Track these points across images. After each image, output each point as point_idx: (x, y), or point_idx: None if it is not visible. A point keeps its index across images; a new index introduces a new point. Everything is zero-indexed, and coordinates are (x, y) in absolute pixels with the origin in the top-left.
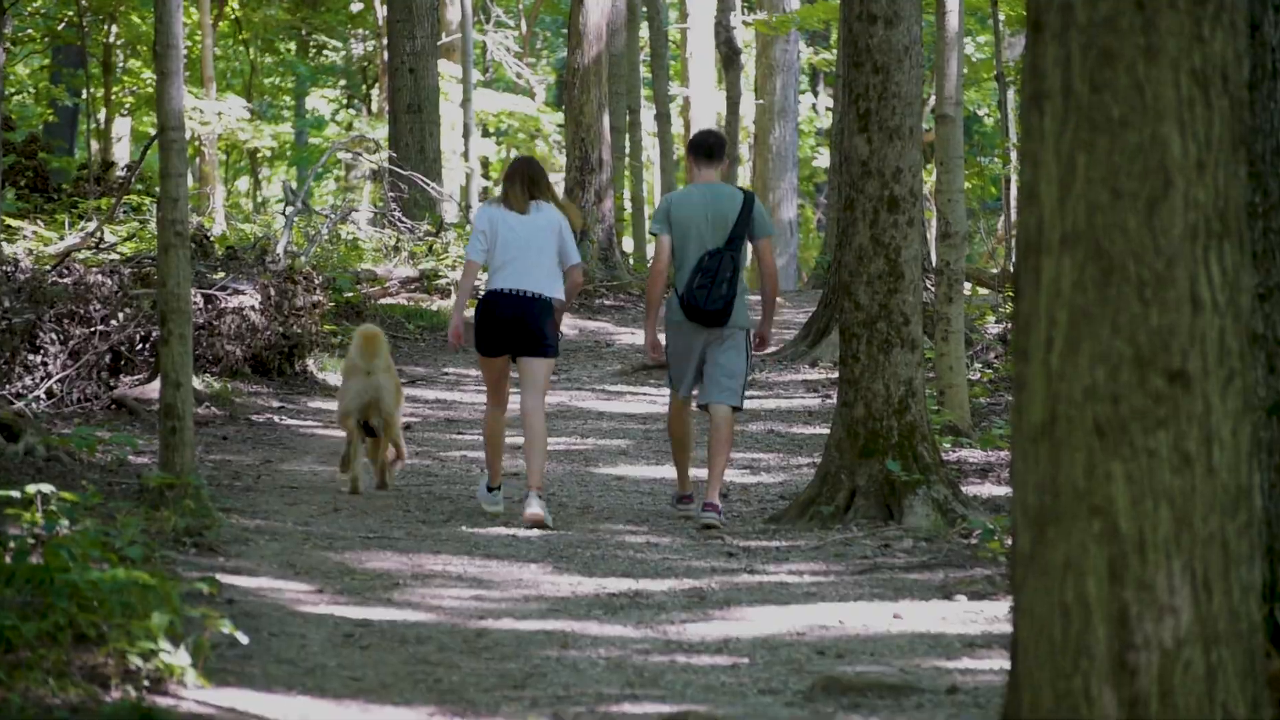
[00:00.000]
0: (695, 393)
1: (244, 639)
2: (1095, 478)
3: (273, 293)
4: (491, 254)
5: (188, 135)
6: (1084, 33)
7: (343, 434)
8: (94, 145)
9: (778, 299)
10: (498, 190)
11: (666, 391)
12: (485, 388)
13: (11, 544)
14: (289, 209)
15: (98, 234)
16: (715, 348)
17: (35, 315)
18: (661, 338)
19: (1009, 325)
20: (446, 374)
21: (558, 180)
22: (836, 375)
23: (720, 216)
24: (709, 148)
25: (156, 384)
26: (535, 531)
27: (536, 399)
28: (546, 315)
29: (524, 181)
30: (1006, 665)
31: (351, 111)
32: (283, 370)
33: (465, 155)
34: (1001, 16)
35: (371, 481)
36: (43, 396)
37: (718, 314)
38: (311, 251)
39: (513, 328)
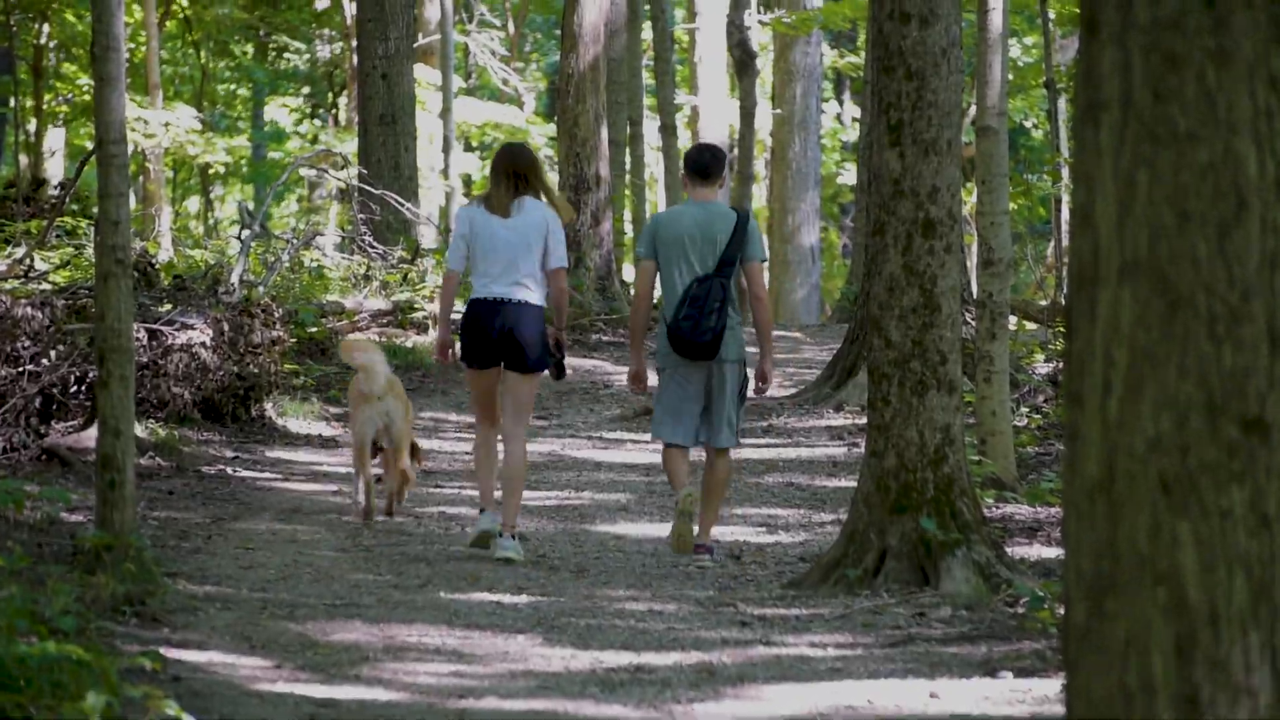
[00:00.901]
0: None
1: None
2: (1160, 541)
3: (226, 328)
4: (473, 259)
5: (130, 149)
6: (1146, 34)
7: (303, 488)
8: (23, 160)
9: (798, 333)
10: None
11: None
12: (474, 408)
13: None
14: (245, 233)
15: (27, 261)
16: (713, 387)
17: None
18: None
19: (1060, 365)
20: (423, 419)
21: None
22: (864, 421)
23: (710, 238)
24: (703, 165)
25: (93, 431)
26: (523, 598)
27: (519, 425)
28: (536, 324)
29: (508, 177)
30: None
31: (316, 123)
32: (237, 415)
33: (445, 172)
34: (1051, 15)
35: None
36: None
37: (706, 346)
38: (270, 281)
39: (501, 337)
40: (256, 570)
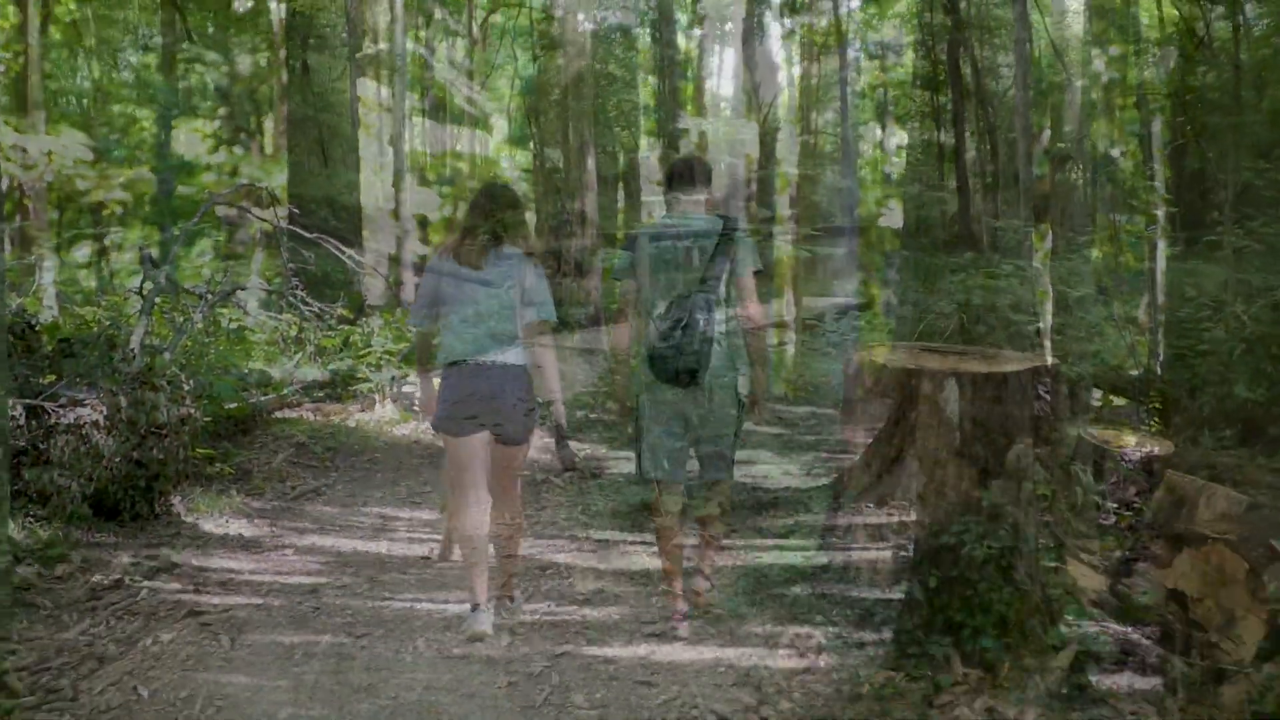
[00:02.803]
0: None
1: None
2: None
3: (124, 404)
4: (445, 317)
5: (4, 184)
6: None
7: (219, 601)
8: None
9: (831, 410)
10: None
11: None
12: (458, 480)
13: None
14: (148, 286)
15: None
16: (700, 414)
17: None
18: None
19: (1156, 451)
20: (364, 517)
21: None
22: (912, 518)
23: (698, 250)
24: (682, 175)
25: None
26: None
27: (510, 490)
28: (519, 387)
29: (485, 222)
30: None
31: (236, 151)
32: (138, 512)
33: (396, 212)
34: (1144, 20)
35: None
36: None
37: (688, 371)
38: (179, 346)
39: (483, 403)
40: (158, 707)
